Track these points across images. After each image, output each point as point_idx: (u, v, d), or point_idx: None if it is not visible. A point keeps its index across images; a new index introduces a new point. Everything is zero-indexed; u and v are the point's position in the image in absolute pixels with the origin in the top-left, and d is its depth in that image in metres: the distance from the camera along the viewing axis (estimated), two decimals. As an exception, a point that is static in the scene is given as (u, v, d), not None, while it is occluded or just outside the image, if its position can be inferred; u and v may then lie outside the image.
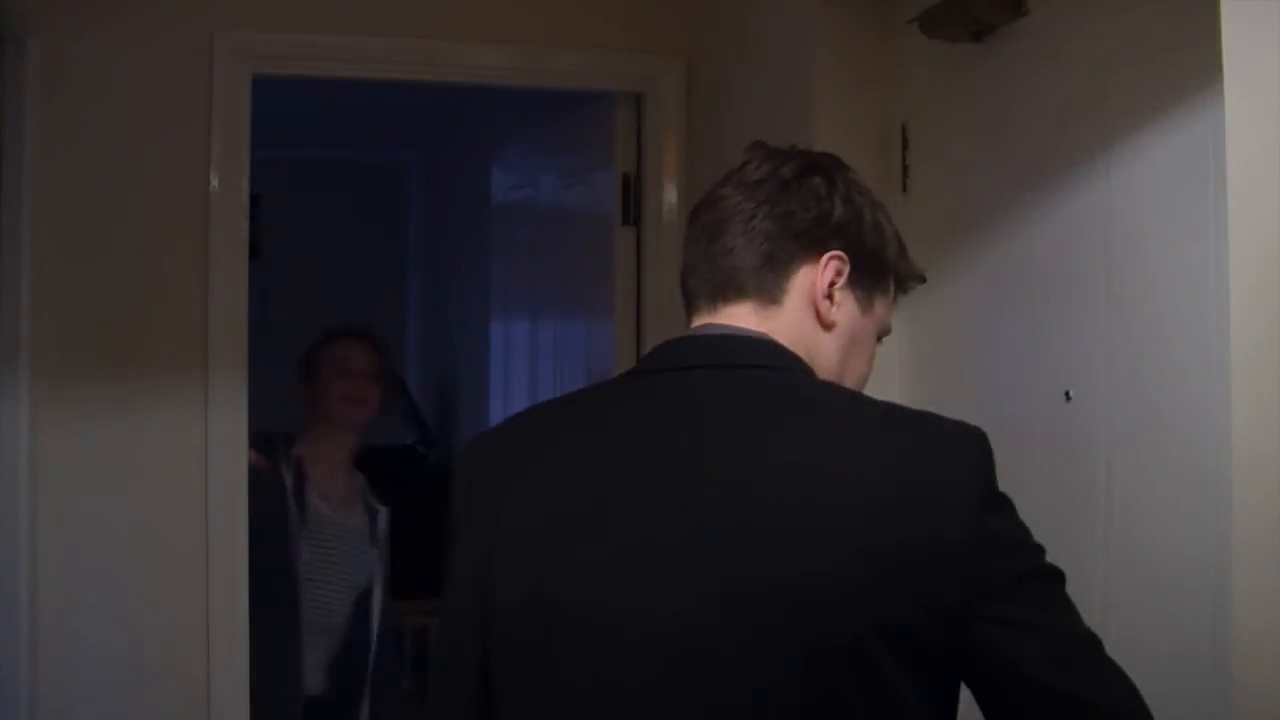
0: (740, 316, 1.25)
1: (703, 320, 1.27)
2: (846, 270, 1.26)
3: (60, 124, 2.61)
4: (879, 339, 1.34)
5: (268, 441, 2.88)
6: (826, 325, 1.27)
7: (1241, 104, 1.25)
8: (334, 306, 5.67)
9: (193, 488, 2.69)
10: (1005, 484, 1.14)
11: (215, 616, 2.69)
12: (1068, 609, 1.13)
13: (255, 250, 2.84)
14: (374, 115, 4.89)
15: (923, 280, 1.38)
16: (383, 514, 3.03)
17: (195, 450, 2.69)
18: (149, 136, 2.69)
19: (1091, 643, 1.13)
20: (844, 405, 1.20)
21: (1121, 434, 1.71)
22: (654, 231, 3.02)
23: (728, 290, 1.26)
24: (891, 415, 1.18)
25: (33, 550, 2.56)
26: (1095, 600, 1.69)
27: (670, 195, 3.01)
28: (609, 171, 3.13)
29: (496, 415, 3.95)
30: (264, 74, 2.76)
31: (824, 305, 1.25)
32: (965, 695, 1.15)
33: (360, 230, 5.78)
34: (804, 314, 1.25)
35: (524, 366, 3.82)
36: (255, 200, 2.82)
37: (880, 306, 1.31)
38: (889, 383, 2.24)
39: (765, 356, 1.21)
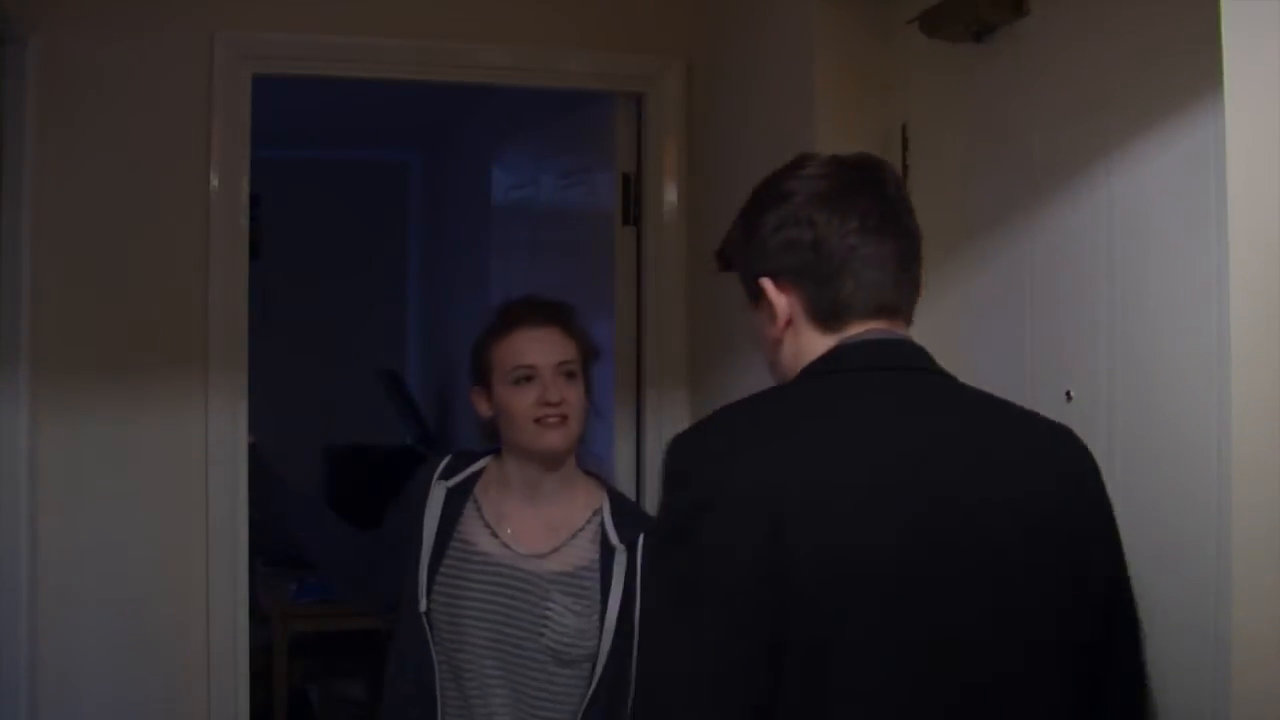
0: (904, 329, 1.46)
1: (880, 325, 1.42)
2: None
3: (60, 124, 2.62)
4: None
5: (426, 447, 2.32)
6: None
7: (1242, 104, 1.25)
8: (334, 306, 5.71)
9: (193, 487, 2.69)
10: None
11: (215, 611, 2.70)
12: None
13: (255, 250, 2.84)
14: (374, 115, 4.89)
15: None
16: (621, 555, 2.10)
17: (195, 449, 2.69)
18: (149, 136, 2.69)
19: None
20: (1005, 401, 1.46)
21: (1122, 434, 1.71)
22: (654, 231, 3.02)
23: (905, 307, 1.46)
24: (1026, 409, 1.47)
25: (33, 548, 2.57)
26: (1095, 600, 1.69)
27: (670, 195, 3.01)
28: (609, 171, 3.13)
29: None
30: (264, 74, 2.76)
31: None
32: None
33: (360, 230, 5.78)
34: None
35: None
36: (255, 200, 2.82)
37: None
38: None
39: (933, 362, 1.44)
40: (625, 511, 2.19)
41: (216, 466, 2.70)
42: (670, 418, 3.00)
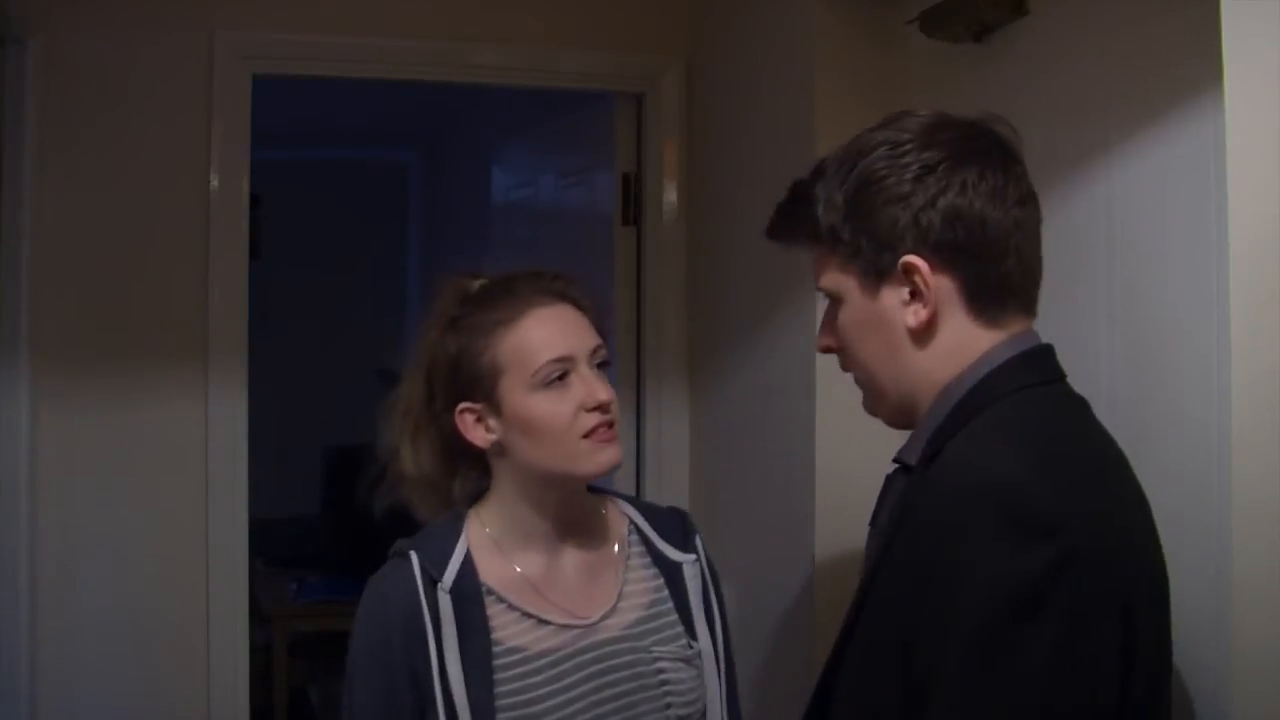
0: None
1: (1031, 321, 1.31)
2: None
3: (60, 124, 2.61)
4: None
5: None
6: None
7: (1241, 103, 1.25)
8: (334, 306, 5.70)
9: (193, 487, 2.69)
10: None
11: (215, 611, 2.70)
12: None
13: (255, 250, 2.84)
14: (374, 115, 4.89)
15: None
16: (691, 567, 1.65)
17: (195, 449, 2.69)
18: (149, 136, 2.69)
19: None
20: None
21: (1122, 432, 1.70)
22: (654, 231, 3.02)
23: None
24: None
25: (33, 549, 2.57)
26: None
27: (670, 195, 3.01)
28: (609, 171, 3.13)
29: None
30: (264, 74, 2.76)
31: None
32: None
33: (360, 230, 5.78)
34: None
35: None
36: (255, 200, 2.81)
37: None
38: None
39: None
40: (657, 514, 1.72)
41: (217, 467, 2.70)
42: (670, 417, 3.00)
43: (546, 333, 1.54)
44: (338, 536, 4.37)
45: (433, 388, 1.60)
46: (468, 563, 1.54)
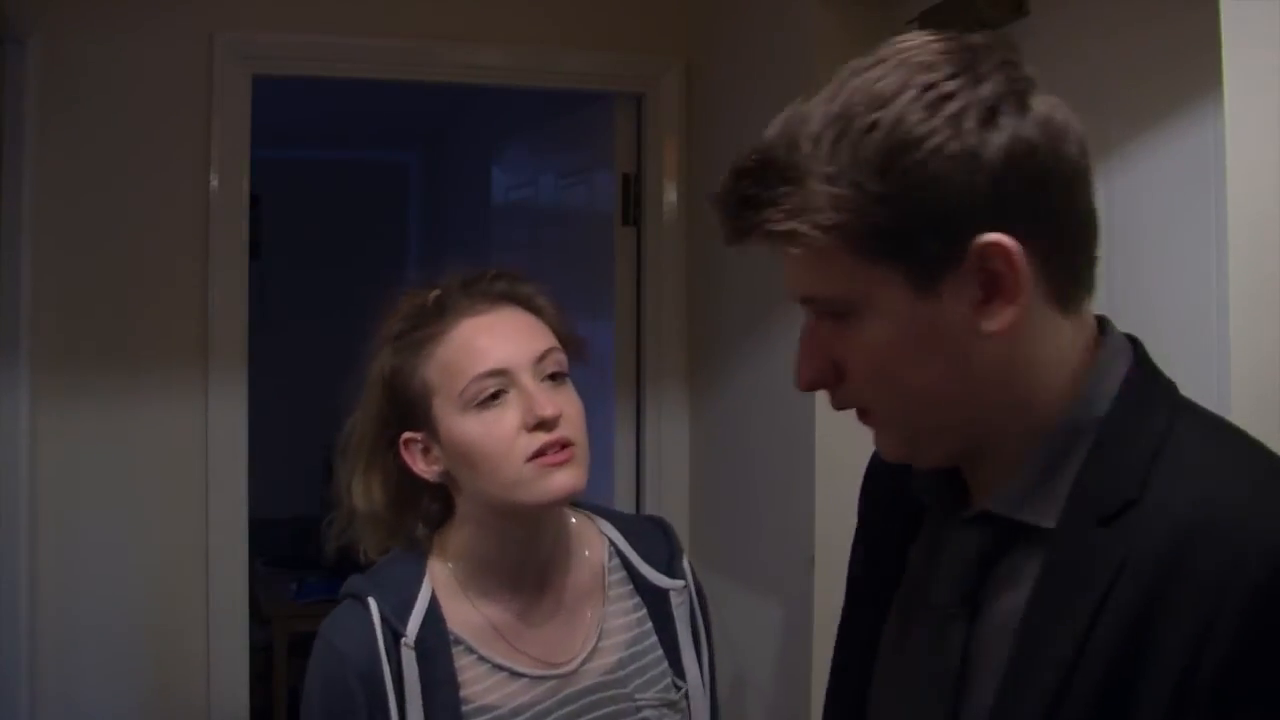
0: None
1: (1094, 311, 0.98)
2: None
3: (60, 124, 2.62)
4: None
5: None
6: None
7: (1241, 104, 1.25)
8: (333, 306, 5.70)
9: (193, 487, 2.69)
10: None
11: (215, 611, 2.70)
12: None
13: (255, 250, 2.84)
14: (374, 115, 4.89)
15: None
16: (679, 594, 1.48)
17: (196, 450, 2.69)
18: (149, 136, 2.69)
19: None
20: None
21: (1121, 434, 1.71)
22: (654, 231, 3.02)
23: None
24: None
25: (33, 549, 2.57)
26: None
27: (670, 195, 3.01)
28: (609, 171, 3.13)
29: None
30: (264, 74, 2.77)
31: None
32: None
33: (360, 230, 5.78)
34: None
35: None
36: (255, 200, 2.82)
37: None
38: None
39: None
40: (638, 531, 1.52)
41: (217, 467, 2.70)
42: (670, 417, 3.00)
43: (478, 344, 1.34)
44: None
45: (384, 414, 1.44)
46: (433, 608, 1.36)
